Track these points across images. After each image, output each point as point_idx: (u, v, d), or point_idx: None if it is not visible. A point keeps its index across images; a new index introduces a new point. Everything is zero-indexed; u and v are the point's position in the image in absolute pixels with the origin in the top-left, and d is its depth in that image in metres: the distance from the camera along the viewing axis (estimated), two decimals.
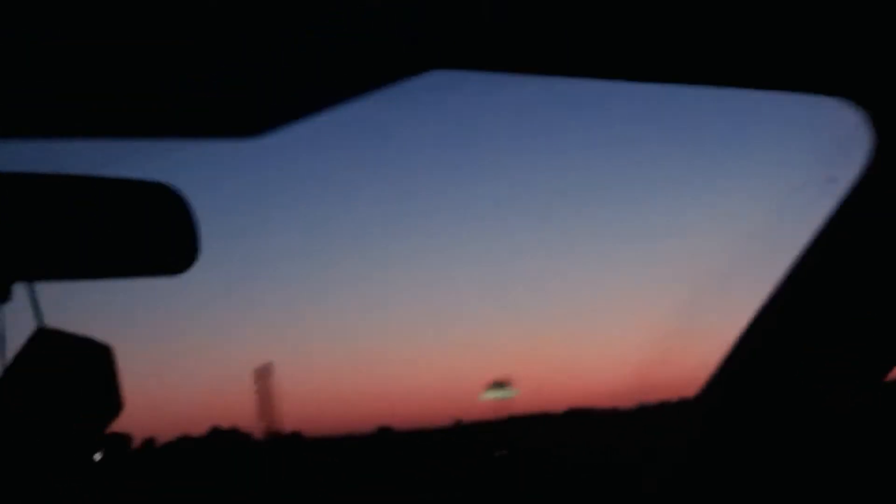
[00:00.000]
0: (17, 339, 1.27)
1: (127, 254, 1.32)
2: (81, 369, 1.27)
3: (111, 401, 1.28)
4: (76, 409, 1.27)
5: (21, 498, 1.29)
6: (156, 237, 1.32)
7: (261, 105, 1.34)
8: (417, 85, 1.33)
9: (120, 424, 1.33)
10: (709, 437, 1.67)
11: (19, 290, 1.29)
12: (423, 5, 1.24)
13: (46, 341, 1.26)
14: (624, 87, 1.41)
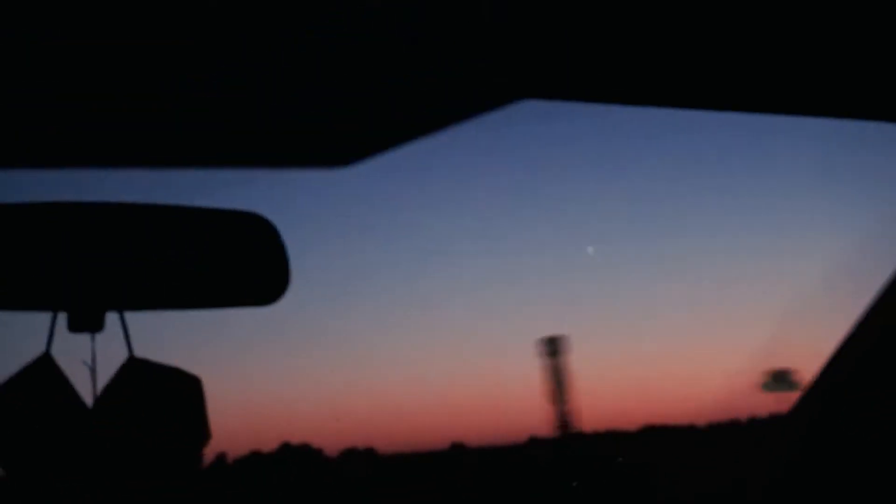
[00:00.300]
0: (105, 368, 1.28)
1: (218, 284, 1.32)
2: (172, 400, 1.28)
3: (200, 430, 1.28)
4: (166, 439, 1.28)
5: None
6: (247, 267, 1.32)
7: (350, 135, 1.34)
8: (507, 114, 1.33)
9: None
10: (803, 454, 1.63)
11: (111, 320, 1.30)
12: (511, 35, 1.23)
13: (138, 371, 1.27)
14: (707, 116, 1.40)
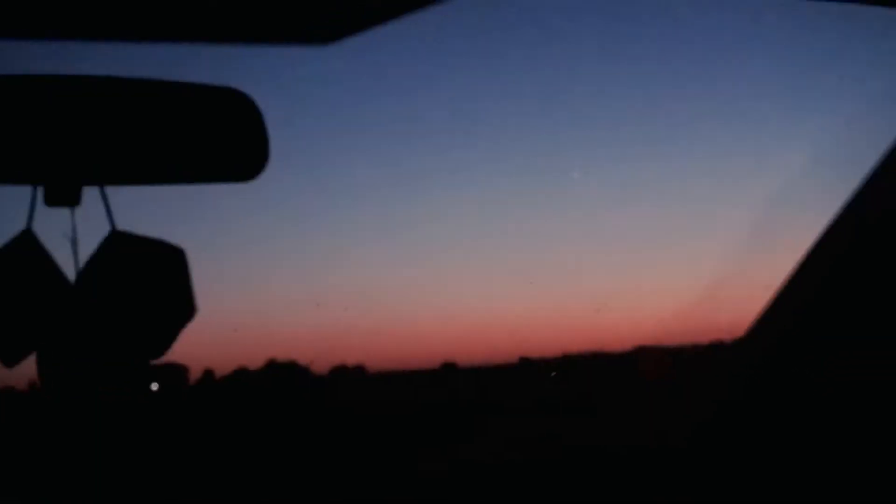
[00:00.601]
0: (88, 243, 1.27)
1: (196, 159, 1.31)
2: (155, 271, 1.27)
3: (185, 304, 1.28)
4: (151, 312, 1.28)
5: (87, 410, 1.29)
6: (225, 142, 1.31)
7: (337, 10, 1.32)
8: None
9: (177, 356, 1.33)
10: (750, 381, 1.63)
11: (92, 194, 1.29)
12: None
13: (120, 244, 1.26)
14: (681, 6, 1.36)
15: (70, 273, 1.25)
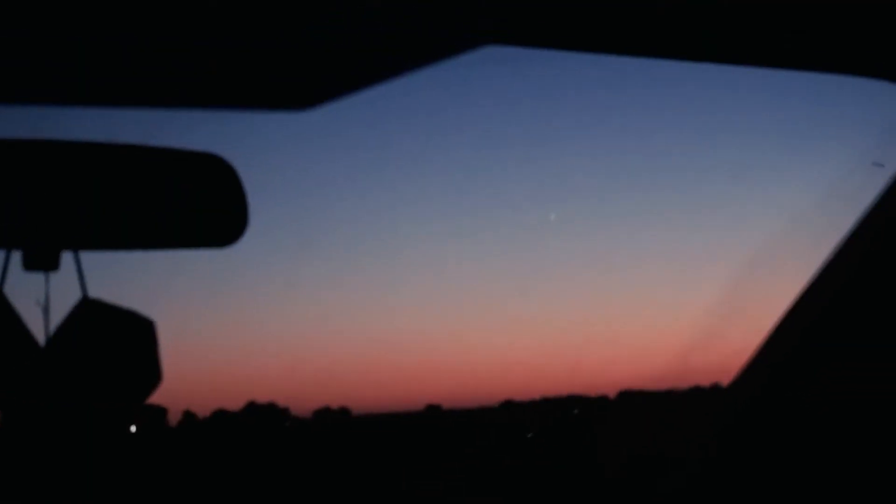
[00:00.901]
0: (60, 307, 1.27)
1: (175, 224, 1.31)
2: (124, 342, 1.26)
3: (151, 373, 1.27)
4: (116, 381, 1.27)
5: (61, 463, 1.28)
6: (204, 208, 1.31)
7: (313, 77, 1.32)
8: (471, 60, 1.31)
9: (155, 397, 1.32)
10: (741, 426, 1.63)
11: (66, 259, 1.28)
12: None
13: (91, 312, 1.25)
14: (673, 67, 1.39)
15: (40, 338, 1.25)
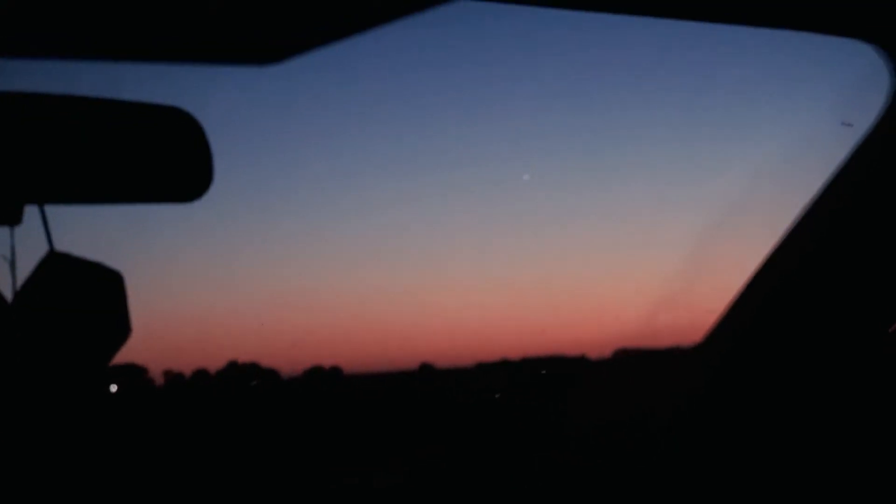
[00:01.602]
0: (27, 261, 1.26)
1: (139, 179, 1.30)
2: (91, 295, 1.26)
3: (119, 326, 1.27)
4: (85, 334, 1.27)
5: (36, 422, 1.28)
6: (169, 163, 1.30)
7: (281, 31, 1.32)
8: (441, 16, 1.30)
9: (135, 356, 1.32)
10: (710, 387, 1.64)
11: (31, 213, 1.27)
12: None
13: (57, 266, 1.25)
14: (641, 23, 1.37)
15: (7, 292, 1.24)
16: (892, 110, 1.39)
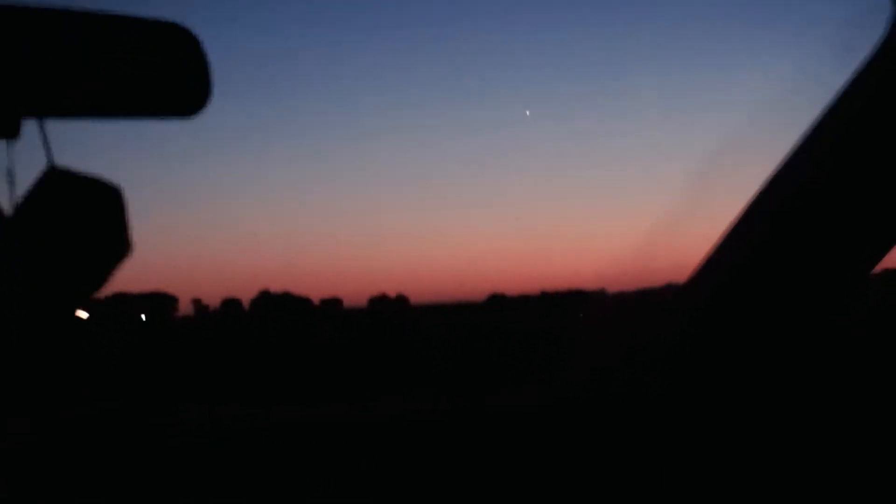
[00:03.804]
0: (27, 176, 1.26)
1: (137, 93, 1.29)
2: (91, 209, 1.26)
3: (120, 243, 1.27)
4: (85, 250, 1.27)
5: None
6: (167, 77, 1.29)
7: None
8: None
9: (165, 285, 1.32)
10: (698, 324, 1.63)
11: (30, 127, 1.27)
12: None
13: (56, 180, 1.25)
14: None
15: (6, 207, 1.24)
16: (891, 40, 1.36)
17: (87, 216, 1.26)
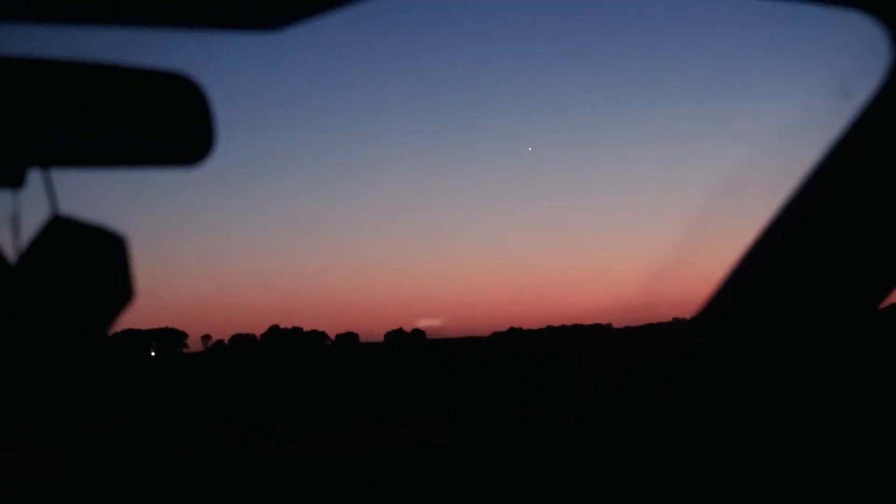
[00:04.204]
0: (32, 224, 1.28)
1: (141, 143, 1.31)
2: (94, 258, 1.27)
3: (123, 291, 1.28)
4: (88, 298, 1.28)
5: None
6: (171, 127, 1.31)
7: None
8: None
9: (175, 321, 1.33)
10: (704, 359, 1.63)
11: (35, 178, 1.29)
12: None
13: (61, 229, 1.26)
14: None
15: (11, 255, 1.26)
16: (891, 82, 1.37)
17: (90, 264, 1.28)
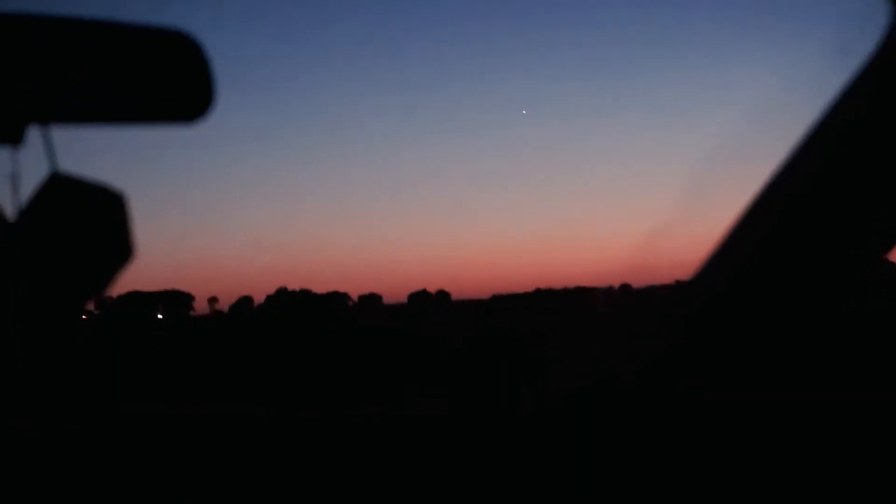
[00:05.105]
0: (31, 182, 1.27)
1: (141, 100, 1.31)
2: (93, 216, 1.27)
3: (122, 248, 1.28)
4: (87, 255, 1.28)
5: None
6: (170, 84, 1.31)
7: None
8: None
9: (181, 284, 1.34)
10: (703, 320, 1.63)
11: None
12: None
13: (59, 186, 1.26)
14: None
15: (10, 212, 1.26)
16: (889, 42, 1.35)
17: (89, 222, 1.28)
